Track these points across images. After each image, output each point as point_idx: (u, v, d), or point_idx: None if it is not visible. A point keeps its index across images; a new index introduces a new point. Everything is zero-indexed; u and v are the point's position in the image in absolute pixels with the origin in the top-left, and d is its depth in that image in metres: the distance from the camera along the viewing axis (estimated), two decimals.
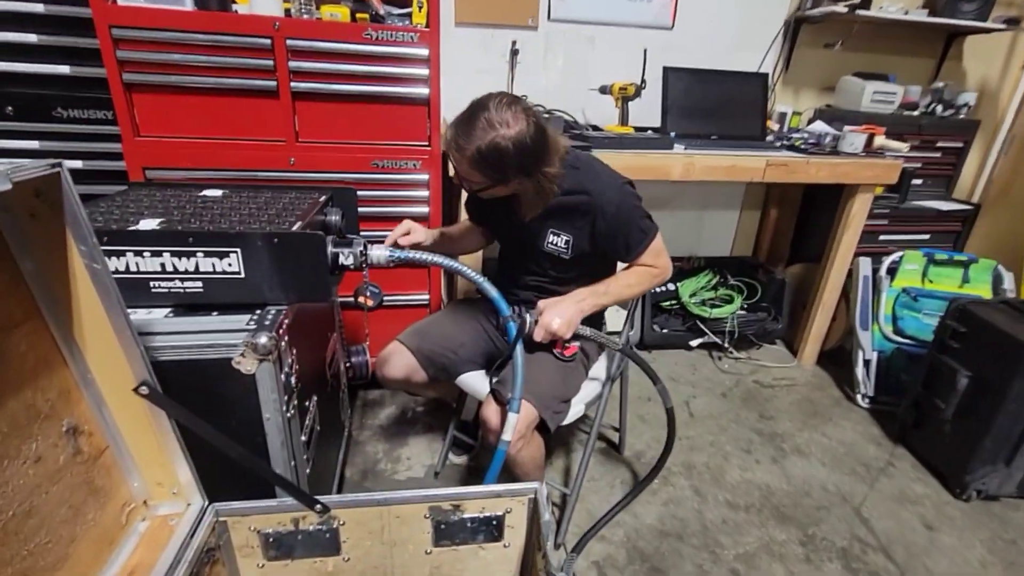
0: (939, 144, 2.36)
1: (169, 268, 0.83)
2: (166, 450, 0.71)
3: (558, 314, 1.12)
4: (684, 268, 2.56)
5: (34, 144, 1.49)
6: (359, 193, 1.56)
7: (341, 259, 0.91)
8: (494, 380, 1.13)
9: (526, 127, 1.03)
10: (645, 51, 2.20)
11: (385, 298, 1.71)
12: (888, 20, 2.14)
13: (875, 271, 2.14)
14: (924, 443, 1.79)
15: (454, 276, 1.82)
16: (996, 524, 1.54)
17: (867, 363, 2.08)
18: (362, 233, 1.62)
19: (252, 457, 0.71)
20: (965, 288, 2.08)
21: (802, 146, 2.07)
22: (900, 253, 2.11)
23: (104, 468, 0.68)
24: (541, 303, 1.16)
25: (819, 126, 2.29)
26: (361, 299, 1.21)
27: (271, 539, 0.82)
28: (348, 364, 1.18)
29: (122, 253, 0.81)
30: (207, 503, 0.77)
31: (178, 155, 1.46)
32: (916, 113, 2.33)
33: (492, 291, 0.98)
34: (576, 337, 1.16)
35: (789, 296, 2.43)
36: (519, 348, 1.00)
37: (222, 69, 1.40)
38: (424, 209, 1.64)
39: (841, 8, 2.06)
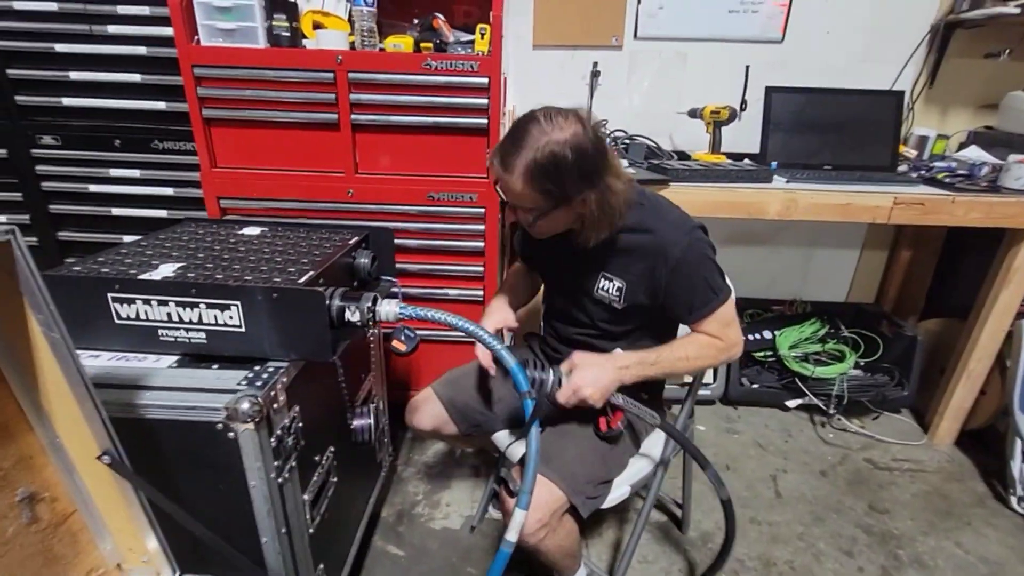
0: None
1: (175, 318, 0.82)
2: (135, 516, 0.68)
3: (592, 379, 0.94)
4: (785, 313, 2.22)
5: (135, 173, 1.64)
6: (416, 226, 1.54)
7: (347, 315, 0.84)
8: (502, 471, 0.99)
9: (582, 130, 0.88)
10: (747, 68, 1.95)
11: (433, 334, 1.67)
12: None
13: None
14: None
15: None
16: None
17: None
18: (415, 265, 1.59)
19: (215, 538, 0.66)
20: None
21: (946, 179, 1.68)
22: None
23: (69, 534, 0.65)
24: (576, 356, 0.98)
25: (973, 152, 1.87)
26: (395, 344, 1.14)
27: None
28: (349, 426, 1.11)
29: (132, 302, 0.81)
30: (176, 572, 0.72)
31: (249, 186, 1.52)
32: None
33: (510, 361, 0.85)
34: (609, 406, 0.99)
35: (922, 357, 1.99)
36: (534, 431, 0.86)
37: (289, 103, 1.43)
38: (479, 244, 1.56)
39: (1012, 8, 1.65)
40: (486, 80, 1.38)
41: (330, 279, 0.92)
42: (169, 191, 1.65)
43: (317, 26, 1.47)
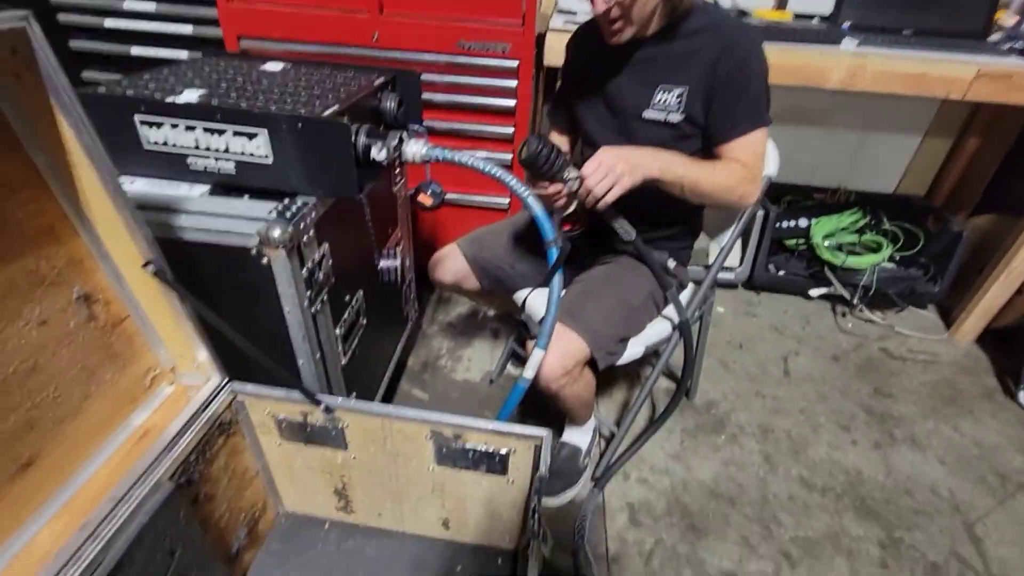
0: None
1: (203, 145, 0.81)
2: (183, 325, 0.73)
3: (622, 153, 0.88)
4: (827, 203, 2.12)
5: (150, 6, 1.55)
6: (442, 78, 1.45)
7: (373, 152, 0.82)
8: (522, 317, 1.01)
9: None
10: None
11: (462, 198, 1.66)
12: None
13: None
14: None
15: None
16: None
17: None
18: (442, 124, 1.53)
19: (249, 344, 0.71)
20: None
21: None
22: None
23: (125, 335, 0.71)
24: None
25: None
26: (421, 197, 1.14)
27: (284, 424, 0.85)
28: (376, 267, 1.14)
29: (160, 124, 0.80)
30: (224, 380, 0.80)
31: (269, 24, 1.42)
32: None
33: (536, 208, 0.84)
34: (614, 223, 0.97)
35: (963, 253, 1.91)
36: (557, 279, 0.87)
37: None
38: (511, 102, 1.47)
39: None
40: None
41: (355, 117, 0.88)
42: (188, 29, 1.57)
43: None
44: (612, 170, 0.86)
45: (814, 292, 2.03)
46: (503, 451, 0.80)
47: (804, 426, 1.53)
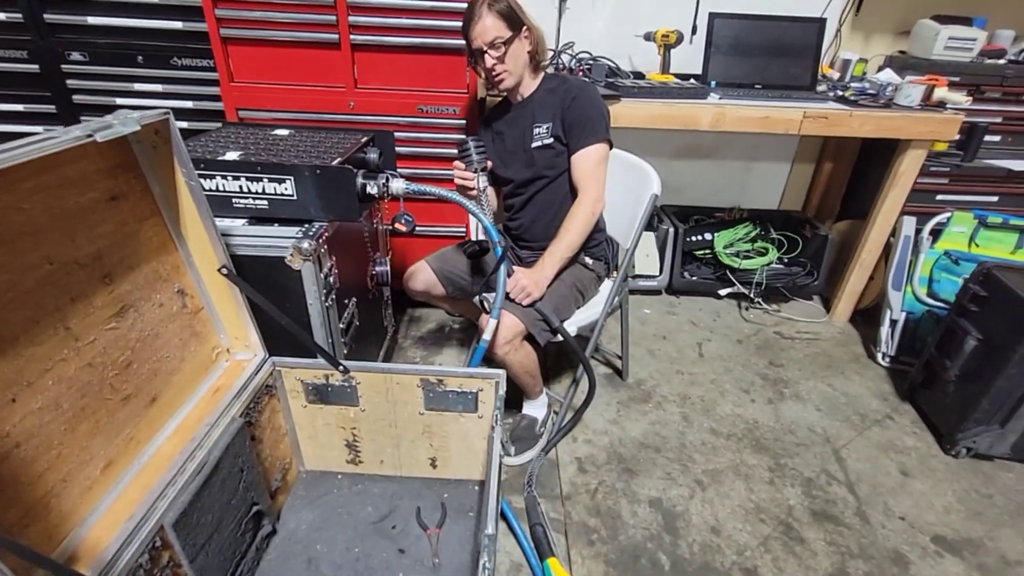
0: None
1: (245, 189, 1.14)
2: (240, 316, 1.04)
3: (527, 277, 1.35)
4: (725, 219, 2.60)
5: (158, 87, 1.87)
6: (407, 135, 1.83)
7: (368, 188, 1.17)
8: (481, 294, 1.39)
9: None
10: None
11: (429, 230, 2.01)
12: None
13: (918, 231, 2.08)
14: (928, 402, 1.83)
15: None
16: (978, 480, 1.60)
17: (894, 323, 2.09)
18: (407, 170, 1.90)
19: (294, 324, 1.02)
20: (1018, 254, 1.99)
21: (851, 97, 2.01)
22: (948, 214, 2.03)
23: (202, 320, 1.01)
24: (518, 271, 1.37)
25: (885, 75, 2.18)
26: (397, 225, 1.48)
27: (310, 387, 1.14)
28: (373, 272, 1.47)
29: (213, 176, 1.12)
30: (267, 356, 1.10)
31: (263, 98, 1.77)
32: (1002, 62, 2.13)
33: (485, 219, 1.20)
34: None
35: (832, 252, 2.41)
36: (503, 268, 1.23)
37: (296, 24, 1.66)
38: None
39: None
40: (465, 3, 1.63)
41: (353, 165, 1.23)
42: (189, 104, 1.90)
43: None
44: (524, 287, 1.32)
45: (722, 292, 2.48)
46: (474, 390, 1.12)
47: (714, 392, 1.92)
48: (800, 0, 2.22)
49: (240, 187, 1.13)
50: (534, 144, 1.47)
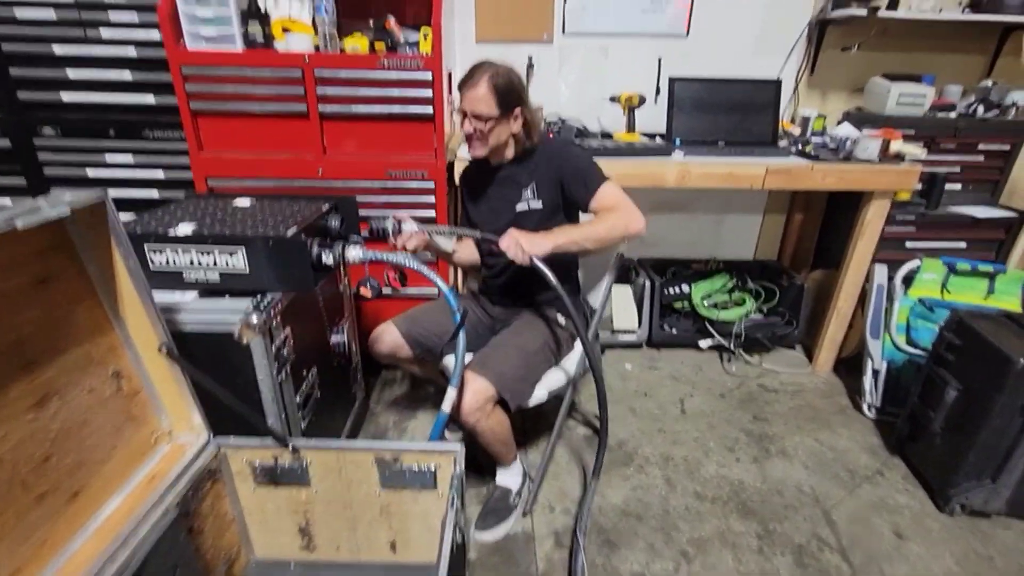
0: (981, 148, 2.23)
1: (196, 263, 1.11)
2: (183, 396, 0.99)
3: (525, 235, 1.25)
4: (701, 271, 2.61)
5: (129, 159, 1.89)
6: (376, 199, 1.84)
7: (323, 258, 1.15)
8: (444, 359, 1.34)
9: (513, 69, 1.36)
10: (660, 60, 2.29)
11: (403, 291, 1.99)
12: (913, 20, 2.07)
13: (890, 279, 2.09)
14: (917, 455, 1.77)
15: (459, 273, 2.04)
16: (976, 540, 1.52)
17: (876, 373, 2.06)
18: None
19: (238, 402, 0.97)
20: (990, 300, 1.99)
21: (812, 152, 2.06)
22: (918, 262, 2.05)
23: (140, 403, 0.96)
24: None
25: (844, 129, 2.25)
26: (362, 290, 1.46)
27: (259, 469, 1.08)
28: (329, 344, 1.43)
29: (163, 250, 1.10)
30: (211, 437, 1.04)
31: (232, 167, 1.79)
32: (953, 115, 2.22)
33: (444, 286, 1.18)
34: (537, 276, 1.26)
35: (808, 302, 2.41)
36: (462, 334, 1.20)
37: (265, 97, 1.70)
38: (431, 212, 1.87)
39: (859, 11, 2.03)
40: (430, 75, 1.68)
41: (309, 233, 1.22)
42: (160, 174, 1.91)
43: (285, 31, 1.73)
44: (517, 240, 1.24)
45: (703, 344, 2.45)
46: (432, 467, 1.06)
47: (697, 451, 1.85)
48: (757, 61, 2.33)
49: (191, 260, 1.11)
50: (519, 207, 1.46)
